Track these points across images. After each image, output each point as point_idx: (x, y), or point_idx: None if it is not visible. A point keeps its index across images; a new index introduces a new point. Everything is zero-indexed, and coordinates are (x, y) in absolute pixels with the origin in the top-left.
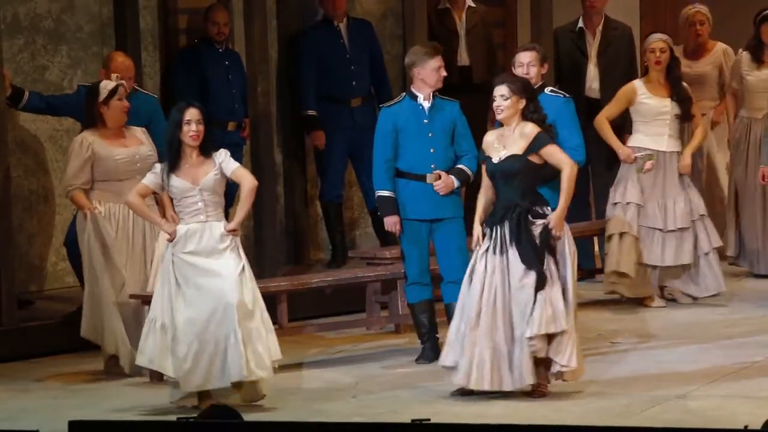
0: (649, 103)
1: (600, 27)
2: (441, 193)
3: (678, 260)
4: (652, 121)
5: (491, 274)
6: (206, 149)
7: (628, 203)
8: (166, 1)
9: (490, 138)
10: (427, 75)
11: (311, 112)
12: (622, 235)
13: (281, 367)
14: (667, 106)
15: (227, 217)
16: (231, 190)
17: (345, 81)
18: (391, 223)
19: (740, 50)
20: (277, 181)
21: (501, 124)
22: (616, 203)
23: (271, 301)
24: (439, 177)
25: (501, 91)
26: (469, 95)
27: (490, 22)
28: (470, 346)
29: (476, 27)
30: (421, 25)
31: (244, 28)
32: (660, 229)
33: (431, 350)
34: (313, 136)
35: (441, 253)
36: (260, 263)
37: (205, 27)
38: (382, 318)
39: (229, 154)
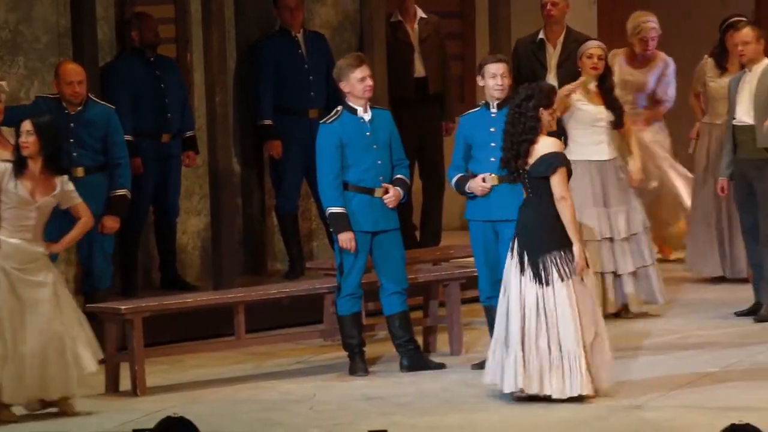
0: (587, 110)
1: (561, 38)
2: (391, 206)
3: (628, 268)
4: (589, 128)
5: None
6: (52, 166)
7: None
8: (123, 12)
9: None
10: (353, 87)
11: (267, 122)
12: None
13: (238, 379)
14: (602, 113)
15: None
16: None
17: (303, 91)
18: (346, 239)
19: (705, 56)
20: (235, 191)
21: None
22: None
23: (228, 312)
24: (387, 191)
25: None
26: (425, 106)
27: (443, 33)
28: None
29: (430, 38)
30: (379, 36)
31: (202, 37)
32: (609, 239)
33: (362, 362)
34: (269, 145)
35: (384, 265)
36: (217, 274)
37: (139, 36)
38: (339, 329)
39: (72, 185)
